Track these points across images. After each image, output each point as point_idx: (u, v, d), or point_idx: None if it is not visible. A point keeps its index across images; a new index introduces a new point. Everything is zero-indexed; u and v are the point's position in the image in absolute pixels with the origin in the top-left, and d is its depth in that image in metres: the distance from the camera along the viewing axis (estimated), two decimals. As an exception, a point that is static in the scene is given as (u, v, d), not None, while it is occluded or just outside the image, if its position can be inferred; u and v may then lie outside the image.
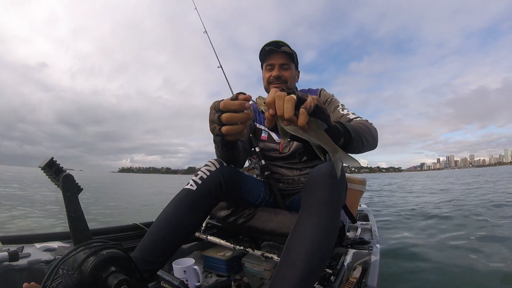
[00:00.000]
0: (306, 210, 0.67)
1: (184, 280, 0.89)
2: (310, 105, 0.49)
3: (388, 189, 9.89)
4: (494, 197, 5.36)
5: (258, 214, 1.02)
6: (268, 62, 1.11)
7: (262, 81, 1.17)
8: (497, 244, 2.18)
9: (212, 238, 1.15)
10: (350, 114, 0.95)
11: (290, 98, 0.47)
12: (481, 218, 3.25)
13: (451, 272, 1.64)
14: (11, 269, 0.73)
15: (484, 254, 1.92)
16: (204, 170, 0.87)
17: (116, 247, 0.57)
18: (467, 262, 1.79)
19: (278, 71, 1.09)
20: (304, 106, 0.48)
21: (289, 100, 0.47)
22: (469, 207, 4.17)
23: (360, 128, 0.72)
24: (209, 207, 0.86)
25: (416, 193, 7.43)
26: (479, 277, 1.55)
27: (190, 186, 0.84)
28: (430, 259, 1.87)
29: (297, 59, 1.15)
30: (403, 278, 1.58)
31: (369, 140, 0.74)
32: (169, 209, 0.81)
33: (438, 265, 1.76)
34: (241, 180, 0.95)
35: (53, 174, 0.62)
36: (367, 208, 2.10)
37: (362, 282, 0.88)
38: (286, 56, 1.09)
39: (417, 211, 4.08)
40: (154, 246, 0.75)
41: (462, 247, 2.14)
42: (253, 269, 1.14)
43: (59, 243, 0.93)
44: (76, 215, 0.62)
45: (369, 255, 1.02)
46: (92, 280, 0.50)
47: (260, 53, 1.12)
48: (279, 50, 1.07)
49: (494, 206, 4.19)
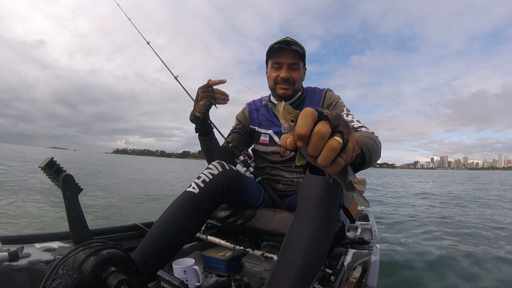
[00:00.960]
0: (302, 209, 0.67)
1: (184, 280, 0.89)
2: (351, 155, 0.38)
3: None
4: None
5: (258, 214, 1.02)
6: (275, 59, 1.03)
7: (267, 80, 1.09)
8: (496, 244, 2.19)
9: (212, 238, 1.15)
10: (355, 122, 0.89)
11: (336, 144, 0.34)
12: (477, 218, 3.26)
13: (451, 272, 1.64)
14: (11, 269, 0.73)
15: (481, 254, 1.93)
16: (206, 173, 0.87)
17: (116, 247, 0.57)
18: (467, 261, 1.79)
19: (286, 72, 1.01)
20: (345, 155, 0.37)
21: (332, 149, 0.34)
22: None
23: (369, 144, 0.62)
24: (211, 210, 0.87)
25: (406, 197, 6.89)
26: (479, 276, 1.56)
27: (192, 189, 0.83)
28: (430, 260, 1.87)
29: (305, 56, 1.07)
30: (403, 278, 1.58)
31: (375, 158, 0.65)
32: (171, 211, 0.81)
33: (438, 265, 1.76)
34: (243, 182, 0.95)
35: (53, 174, 0.62)
36: (367, 208, 2.09)
37: (362, 282, 0.88)
38: (296, 55, 1.01)
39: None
40: (155, 247, 0.75)
41: (463, 248, 2.14)
42: (253, 269, 1.14)
43: (59, 243, 0.93)
44: (76, 215, 0.62)
45: (369, 255, 1.02)
46: (92, 280, 0.51)
47: (268, 51, 1.03)
48: (289, 48, 0.98)
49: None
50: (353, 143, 0.38)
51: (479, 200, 5.75)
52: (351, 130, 0.38)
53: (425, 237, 2.55)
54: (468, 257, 1.89)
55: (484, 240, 2.42)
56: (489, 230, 2.80)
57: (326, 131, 0.34)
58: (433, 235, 2.59)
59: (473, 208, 4.44)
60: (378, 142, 0.71)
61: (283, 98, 1.04)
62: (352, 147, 0.38)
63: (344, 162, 0.36)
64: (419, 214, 3.89)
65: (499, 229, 2.86)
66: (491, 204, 5.03)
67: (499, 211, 4.24)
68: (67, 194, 0.62)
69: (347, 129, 0.37)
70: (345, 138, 0.36)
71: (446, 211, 4.09)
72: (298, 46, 0.99)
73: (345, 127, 0.37)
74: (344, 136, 0.36)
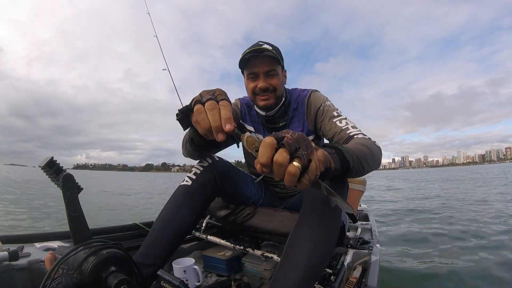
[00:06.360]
0: (307, 210, 0.66)
1: (184, 280, 0.89)
2: (314, 174, 0.41)
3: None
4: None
5: (258, 214, 1.02)
6: (250, 70, 0.93)
7: (246, 90, 1.00)
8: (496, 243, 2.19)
9: (212, 238, 1.15)
10: (350, 128, 0.83)
11: (294, 170, 0.39)
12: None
13: (451, 271, 1.65)
14: (11, 269, 0.73)
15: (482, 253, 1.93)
16: (197, 166, 0.89)
17: (116, 247, 0.57)
18: (466, 261, 1.79)
19: (264, 81, 0.92)
20: (308, 176, 0.40)
21: (291, 174, 0.39)
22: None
23: (360, 151, 0.63)
24: (206, 200, 0.88)
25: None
26: (479, 276, 1.56)
27: (186, 182, 0.86)
28: (429, 259, 1.87)
29: (282, 58, 0.96)
30: (403, 278, 1.58)
31: (371, 164, 0.66)
32: (168, 205, 0.83)
33: (437, 264, 1.76)
34: (235, 173, 0.96)
35: (53, 173, 0.62)
36: (367, 208, 2.10)
37: (362, 282, 0.88)
38: (271, 60, 0.91)
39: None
40: (155, 242, 0.76)
41: (463, 247, 2.14)
42: (253, 269, 1.14)
43: (59, 243, 0.93)
44: (76, 215, 0.62)
45: (369, 255, 1.02)
46: (92, 279, 0.50)
47: (241, 61, 0.93)
48: (262, 55, 0.89)
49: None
50: (315, 163, 0.41)
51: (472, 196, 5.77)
52: (313, 151, 0.42)
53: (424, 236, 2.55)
54: (467, 256, 1.89)
55: (485, 237, 2.42)
56: (490, 229, 2.80)
57: (283, 159, 0.39)
58: (432, 236, 2.59)
59: (464, 205, 4.45)
60: (375, 148, 0.71)
61: (265, 109, 0.98)
62: (315, 166, 0.41)
63: (307, 182, 0.40)
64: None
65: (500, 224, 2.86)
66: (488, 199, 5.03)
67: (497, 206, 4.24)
68: (67, 193, 0.62)
69: (307, 151, 0.41)
70: (304, 161, 0.40)
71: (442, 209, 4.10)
72: (271, 51, 0.89)
73: (306, 149, 0.41)
74: (302, 160, 0.40)
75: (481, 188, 7.93)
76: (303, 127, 1.01)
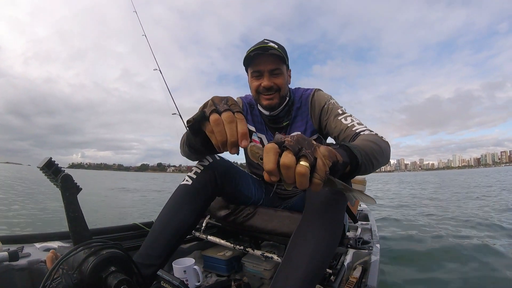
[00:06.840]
0: (310, 211, 0.66)
1: (184, 280, 0.89)
2: (323, 171, 0.40)
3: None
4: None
5: (259, 214, 1.01)
6: (254, 68, 0.93)
7: (250, 90, 1.00)
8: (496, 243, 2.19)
9: (212, 238, 1.15)
10: (356, 125, 0.82)
11: (304, 170, 0.38)
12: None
13: (450, 272, 1.64)
14: (11, 269, 0.73)
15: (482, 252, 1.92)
16: (198, 165, 0.88)
17: (116, 247, 0.57)
18: (465, 261, 1.79)
19: (268, 80, 0.92)
20: (318, 175, 0.39)
21: (301, 175, 0.38)
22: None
23: (368, 147, 0.62)
24: (207, 200, 0.87)
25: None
26: (478, 276, 1.55)
27: (186, 181, 0.85)
28: (429, 258, 1.87)
29: (287, 57, 0.95)
30: (403, 278, 1.58)
31: (380, 160, 0.65)
32: (168, 205, 0.82)
33: (438, 264, 1.76)
34: (235, 172, 0.96)
35: (52, 174, 0.62)
36: (367, 208, 2.10)
37: (362, 282, 0.88)
38: (275, 59, 0.91)
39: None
40: (155, 242, 0.76)
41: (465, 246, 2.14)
42: (253, 269, 1.14)
43: (59, 243, 0.93)
44: (76, 215, 0.62)
45: (369, 255, 1.02)
46: (92, 280, 0.50)
47: (245, 59, 0.93)
48: (267, 53, 0.89)
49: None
50: (321, 159, 0.40)
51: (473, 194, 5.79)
52: (315, 148, 0.41)
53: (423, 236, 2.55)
54: (467, 256, 1.88)
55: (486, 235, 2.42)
56: (490, 226, 2.80)
57: (290, 161, 0.38)
58: (431, 234, 2.59)
59: (464, 205, 4.45)
60: (382, 143, 0.70)
61: (269, 108, 0.98)
62: (322, 163, 0.40)
63: (319, 181, 0.39)
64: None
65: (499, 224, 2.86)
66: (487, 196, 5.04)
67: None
68: (66, 194, 0.62)
69: (310, 149, 0.40)
70: (311, 159, 0.39)
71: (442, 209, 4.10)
72: (276, 50, 0.89)
73: (308, 147, 0.40)
74: (308, 158, 0.39)
75: (481, 188, 7.95)
76: (306, 126, 1.01)
